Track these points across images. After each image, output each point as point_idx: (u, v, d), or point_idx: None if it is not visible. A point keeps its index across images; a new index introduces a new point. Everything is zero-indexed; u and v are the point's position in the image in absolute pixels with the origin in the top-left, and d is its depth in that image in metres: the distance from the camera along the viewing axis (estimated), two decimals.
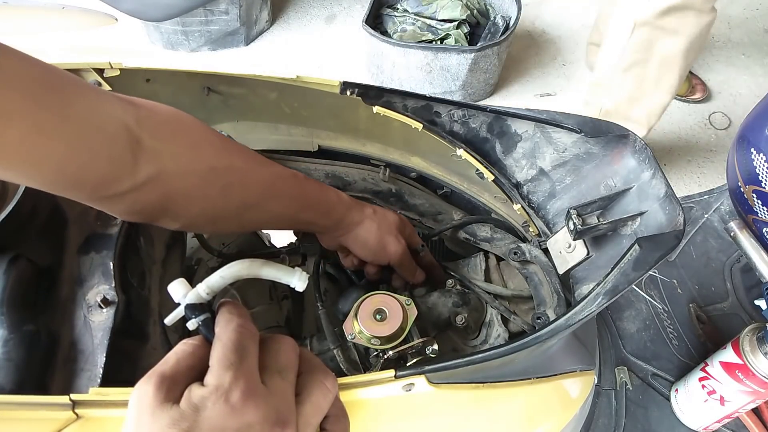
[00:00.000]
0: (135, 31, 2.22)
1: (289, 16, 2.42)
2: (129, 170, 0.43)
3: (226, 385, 0.33)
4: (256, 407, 0.33)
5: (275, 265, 0.44)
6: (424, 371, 0.47)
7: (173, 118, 0.49)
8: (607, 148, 0.63)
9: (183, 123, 0.49)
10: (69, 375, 0.49)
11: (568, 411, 0.61)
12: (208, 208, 0.51)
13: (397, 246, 0.65)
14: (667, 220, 0.55)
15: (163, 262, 0.65)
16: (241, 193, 0.52)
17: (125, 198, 0.45)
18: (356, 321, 0.59)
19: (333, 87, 0.63)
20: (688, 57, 1.43)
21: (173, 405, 0.32)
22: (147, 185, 0.45)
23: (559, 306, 0.65)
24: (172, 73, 0.63)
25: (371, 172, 0.77)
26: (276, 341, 0.39)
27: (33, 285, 0.51)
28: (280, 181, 0.56)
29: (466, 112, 0.67)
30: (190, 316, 0.39)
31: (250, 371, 0.35)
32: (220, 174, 0.50)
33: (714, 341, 0.90)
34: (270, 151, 0.75)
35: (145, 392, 0.33)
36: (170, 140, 0.46)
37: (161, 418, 0.32)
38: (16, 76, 0.36)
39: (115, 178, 0.43)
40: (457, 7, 2.01)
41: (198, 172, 0.48)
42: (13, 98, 0.35)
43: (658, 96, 1.52)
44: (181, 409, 0.32)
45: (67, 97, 0.39)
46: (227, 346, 0.35)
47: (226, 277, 0.42)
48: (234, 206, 0.52)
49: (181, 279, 0.40)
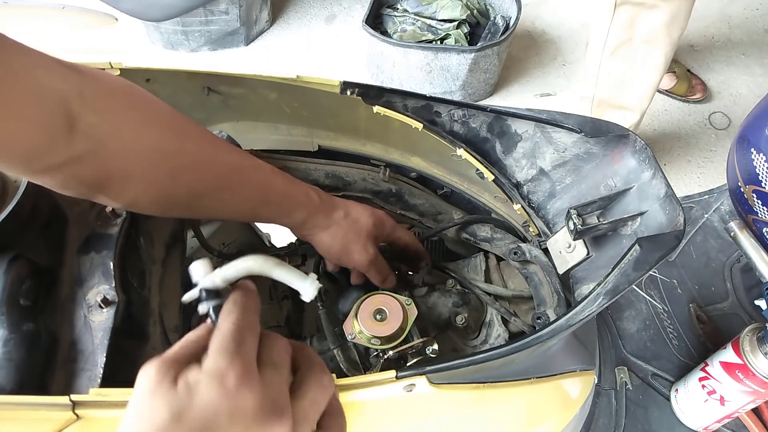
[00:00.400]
0: (135, 31, 2.22)
1: (289, 16, 2.42)
2: (63, 143, 0.41)
3: (221, 369, 0.33)
4: (252, 393, 0.33)
5: (288, 268, 0.43)
6: (425, 372, 0.47)
7: (120, 91, 0.45)
8: (607, 148, 0.63)
9: (131, 97, 0.46)
10: (69, 375, 0.49)
11: (569, 411, 0.61)
12: (152, 190, 0.48)
13: (363, 254, 0.62)
14: (668, 220, 0.55)
15: (163, 262, 0.65)
16: (191, 180, 0.49)
17: (59, 172, 0.42)
18: (356, 321, 0.59)
19: (333, 87, 0.63)
20: (672, 32, 1.43)
21: (171, 387, 0.32)
22: (82, 160, 0.42)
23: (560, 306, 0.65)
24: (172, 73, 0.63)
25: (371, 172, 0.77)
26: (270, 338, 0.38)
27: (33, 285, 0.51)
28: (238, 172, 0.53)
29: (467, 112, 0.66)
30: (203, 299, 0.38)
31: (247, 359, 0.35)
32: (168, 156, 0.47)
33: (714, 341, 0.90)
34: (270, 151, 0.75)
35: (147, 375, 0.33)
36: (113, 115, 0.44)
37: (157, 398, 0.32)
38: None
39: (47, 150, 0.40)
40: (457, 7, 2.01)
41: (141, 152, 0.45)
42: None
43: (646, 76, 1.52)
44: (176, 391, 0.32)
45: (0, 60, 0.36)
46: (226, 333, 0.35)
47: (240, 269, 0.41)
48: (183, 192, 0.50)
49: (206, 259, 0.40)
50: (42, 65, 0.40)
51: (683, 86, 1.98)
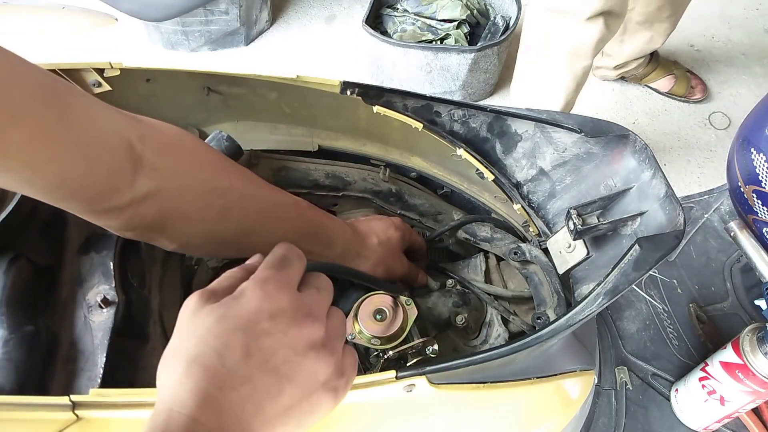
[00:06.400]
0: (135, 31, 2.22)
1: (289, 16, 2.42)
2: (128, 183, 0.43)
3: (265, 277, 0.38)
4: (289, 297, 0.38)
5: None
6: (425, 372, 0.47)
7: (175, 137, 0.49)
8: (607, 148, 0.63)
9: (185, 142, 0.50)
10: (69, 375, 0.49)
11: (569, 411, 0.61)
12: (205, 229, 0.51)
13: (401, 268, 0.67)
14: (668, 220, 0.55)
15: (163, 263, 0.65)
16: (240, 216, 0.52)
17: (123, 212, 0.45)
18: (356, 321, 0.59)
19: (333, 87, 0.63)
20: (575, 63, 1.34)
21: (213, 304, 0.36)
22: (145, 201, 0.45)
23: (559, 306, 0.65)
24: (172, 73, 0.63)
25: (371, 172, 0.77)
26: (318, 275, 0.44)
27: (33, 285, 0.51)
28: (280, 206, 0.56)
29: (467, 112, 0.66)
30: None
31: (289, 275, 0.40)
32: (219, 195, 0.50)
33: (714, 341, 0.90)
34: (270, 151, 0.75)
35: (189, 302, 0.37)
36: (171, 158, 0.47)
37: (201, 313, 0.36)
38: (21, 78, 0.36)
39: (114, 190, 0.43)
40: (457, 7, 2.01)
41: (197, 192, 0.49)
42: (20, 98, 0.35)
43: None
44: (220, 302, 0.36)
45: (71, 103, 0.39)
46: (277, 253, 0.41)
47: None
48: (232, 229, 0.53)
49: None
50: (106, 112, 0.43)
51: (683, 86, 1.98)
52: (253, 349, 0.35)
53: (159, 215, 0.47)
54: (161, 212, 0.47)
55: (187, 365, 0.34)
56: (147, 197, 0.45)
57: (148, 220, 0.47)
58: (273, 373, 0.35)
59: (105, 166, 0.41)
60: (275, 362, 0.35)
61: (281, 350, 0.36)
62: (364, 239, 0.64)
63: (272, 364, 0.35)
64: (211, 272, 0.68)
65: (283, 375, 0.36)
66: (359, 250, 0.63)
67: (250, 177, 0.54)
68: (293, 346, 0.36)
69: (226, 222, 0.52)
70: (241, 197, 0.52)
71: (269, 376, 0.35)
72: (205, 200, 0.49)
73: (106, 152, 0.41)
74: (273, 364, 0.35)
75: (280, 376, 0.35)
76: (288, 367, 0.36)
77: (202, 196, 0.49)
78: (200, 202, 0.49)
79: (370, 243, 0.64)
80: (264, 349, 0.35)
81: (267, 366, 0.35)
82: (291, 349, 0.36)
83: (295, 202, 0.58)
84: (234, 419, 0.33)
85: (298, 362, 0.36)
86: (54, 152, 0.38)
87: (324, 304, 0.41)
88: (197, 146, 0.51)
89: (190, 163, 0.49)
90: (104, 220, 0.46)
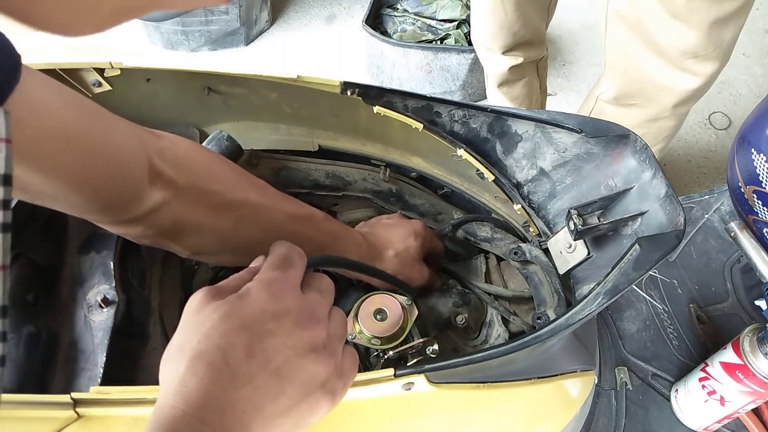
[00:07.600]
0: (135, 31, 2.22)
1: (289, 16, 2.42)
2: (147, 195, 0.46)
3: (270, 277, 0.38)
4: (294, 299, 0.38)
5: None
6: (423, 370, 0.47)
7: (193, 151, 0.52)
8: (607, 148, 0.63)
9: (201, 156, 0.53)
10: (69, 375, 0.49)
11: (569, 411, 0.61)
12: (218, 238, 0.53)
13: (420, 279, 0.67)
14: (668, 220, 0.55)
15: (163, 262, 0.65)
16: (252, 228, 0.54)
17: (141, 222, 0.47)
18: (356, 321, 0.59)
19: (333, 87, 0.63)
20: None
21: (218, 301, 0.37)
22: (161, 210, 0.47)
23: (560, 306, 0.65)
24: (172, 73, 0.63)
25: (371, 172, 0.77)
26: (321, 277, 0.44)
27: (33, 285, 0.51)
28: (294, 220, 0.57)
29: (467, 112, 0.66)
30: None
31: (293, 274, 0.40)
32: (233, 207, 0.52)
33: (714, 341, 0.90)
34: (270, 150, 0.75)
35: (195, 298, 0.37)
36: (186, 170, 0.49)
37: (206, 309, 0.36)
38: (71, 102, 0.39)
39: (136, 202, 0.45)
40: (457, 7, 2.01)
41: (210, 204, 0.51)
42: (71, 119, 0.38)
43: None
44: (226, 300, 0.37)
45: (108, 122, 0.42)
46: (279, 253, 0.42)
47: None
48: (244, 240, 0.54)
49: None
50: (131, 129, 0.46)
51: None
52: (257, 349, 0.35)
53: (174, 224, 0.49)
54: (176, 222, 0.49)
55: (191, 361, 0.34)
56: (162, 207, 0.47)
57: (163, 229, 0.49)
58: (274, 374, 0.35)
59: (131, 180, 0.44)
60: (277, 363, 0.36)
61: (283, 351, 0.36)
62: (380, 252, 0.64)
63: (274, 365, 0.36)
64: (211, 272, 0.68)
65: (284, 376, 0.36)
66: (374, 263, 0.63)
67: (265, 190, 0.56)
68: (295, 348, 0.37)
69: (238, 232, 0.53)
70: (254, 210, 0.54)
71: (271, 377, 0.35)
72: (218, 211, 0.51)
73: (133, 168, 0.44)
74: (275, 365, 0.36)
75: (281, 377, 0.36)
76: (289, 368, 0.36)
77: (216, 207, 0.51)
78: (214, 213, 0.51)
79: (386, 256, 0.64)
80: (267, 349, 0.36)
81: (269, 367, 0.35)
82: (293, 351, 0.37)
83: (310, 215, 0.59)
84: (235, 419, 0.33)
85: (299, 364, 0.37)
86: (96, 170, 0.40)
87: (326, 306, 0.42)
88: (213, 161, 0.53)
89: (206, 175, 0.51)
90: (124, 229, 0.48)
